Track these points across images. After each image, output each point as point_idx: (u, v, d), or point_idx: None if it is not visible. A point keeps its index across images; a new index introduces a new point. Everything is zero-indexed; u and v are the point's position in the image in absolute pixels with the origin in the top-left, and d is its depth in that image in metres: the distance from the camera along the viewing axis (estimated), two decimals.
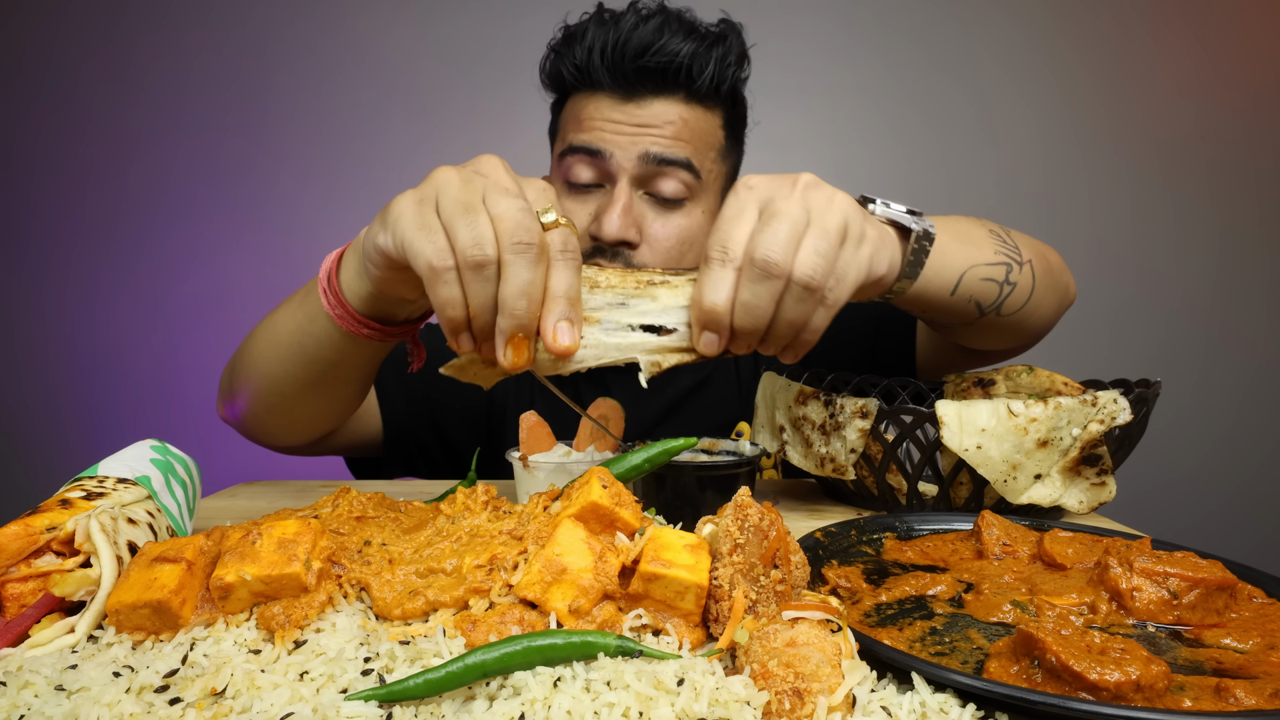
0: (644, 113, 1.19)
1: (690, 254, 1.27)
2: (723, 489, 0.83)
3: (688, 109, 1.21)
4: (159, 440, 0.78)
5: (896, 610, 0.60)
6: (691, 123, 1.22)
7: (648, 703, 0.43)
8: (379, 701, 0.44)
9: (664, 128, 1.19)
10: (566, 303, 0.65)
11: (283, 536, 0.55)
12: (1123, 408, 0.82)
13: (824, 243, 0.67)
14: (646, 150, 1.18)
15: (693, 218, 1.25)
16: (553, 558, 0.54)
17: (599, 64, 1.19)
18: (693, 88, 1.20)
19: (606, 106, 1.21)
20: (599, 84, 1.21)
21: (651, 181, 1.21)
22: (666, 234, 1.23)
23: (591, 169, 1.22)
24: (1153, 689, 0.44)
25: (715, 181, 1.29)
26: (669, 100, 1.20)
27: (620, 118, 1.20)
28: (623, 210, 1.18)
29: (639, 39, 1.16)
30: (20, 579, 0.55)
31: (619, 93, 1.20)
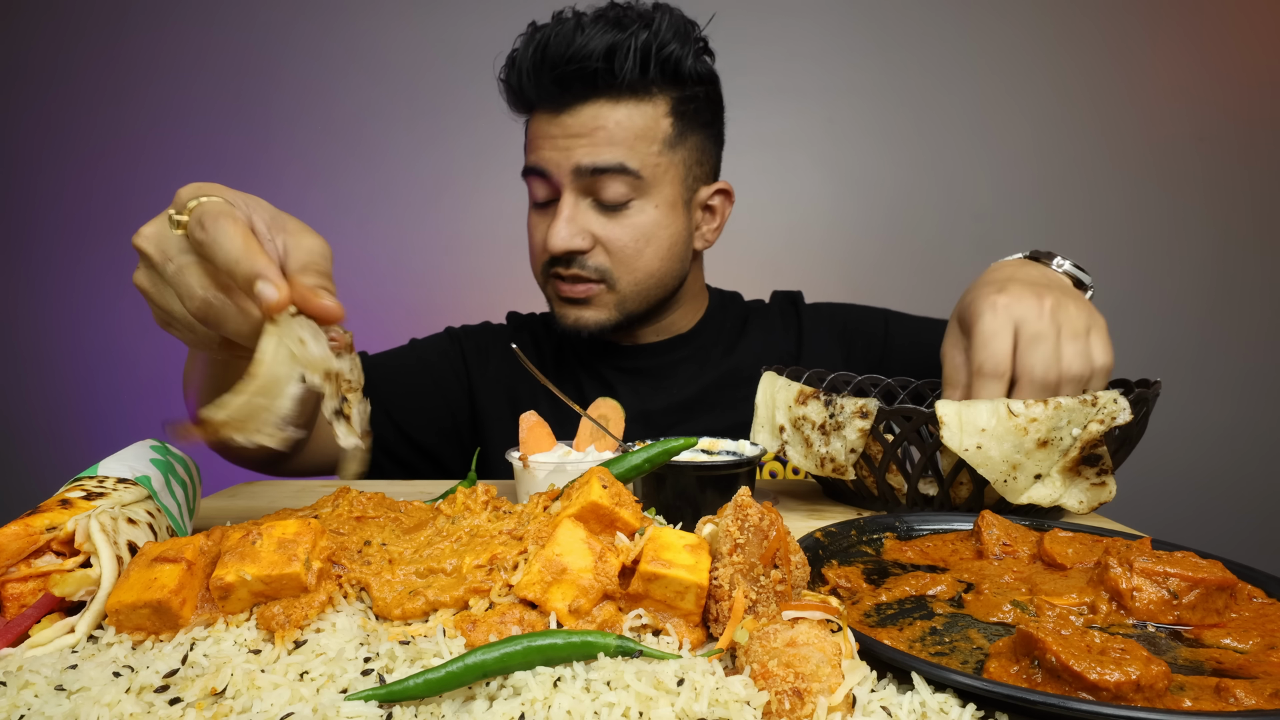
0: (574, 121, 1.22)
1: (649, 249, 1.28)
2: (723, 489, 0.83)
3: (616, 108, 1.22)
4: (159, 440, 0.78)
5: (896, 610, 0.60)
6: (624, 122, 1.22)
7: (648, 703, 0.43)
8: (379, 701, 0.44)
9: (593, 135, 1.21)
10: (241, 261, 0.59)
11: (283, 536, 0.55)
12: (1123, 408, 0.82)
13: (1077, 345, 0.87)
14: (577, 163, 1.21)
15: (645, 214, 1.27)
16: (553, 558, 0.54)
17: (527, 83, 1.24)
18: (615, 83, 1.20)
19: (544, 122, 1.25)
20: (532, 102, 1.26)
21: (594, 188, 1.24)
22: (618, 235, 1.26)
23: (544, 187, 1.27)
24: (1153, 689, 0.44)
25: (666, 173, 1.27)
26: (595, 103, 1.21)
27: (555, 131, 1.23)
28: (565, 221, 1.23)
29: (555, 48, 1.19)
30: (20, 579, 0.55)
31: (549, 107, 1.24)
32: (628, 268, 1.28)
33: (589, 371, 1.45)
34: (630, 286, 1.30)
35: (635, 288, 1.30)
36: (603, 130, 1.21)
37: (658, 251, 1.29)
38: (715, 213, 1.40)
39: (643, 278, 1.30)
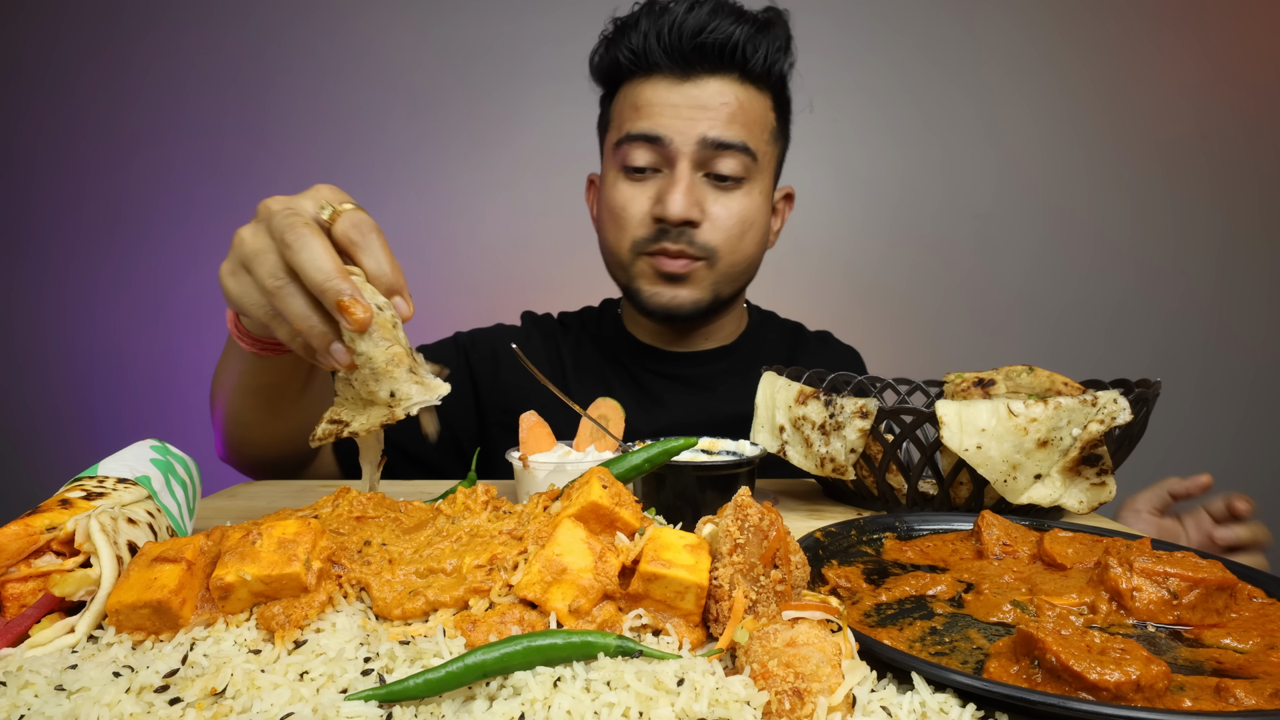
0: (700, 93, 1.22)
1: (750, 234, 1.29)
2: (723, 489, 0.83)
3: (742, 90, 1.24)
4: (159, 440, 0.78)
5: (896, 610, 0.60)
6: (746, 104, 1.24)
7: (648, 703, 0.43)
8: (379, 701, 0.44)
9: (720, 110, 1.22)
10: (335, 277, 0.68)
11: (283, 536, 0.55)
12: (1123, 408, 0.82)
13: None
14: (704, 134, 1.21)
15: (751, 198, 1.28)
16: (553, 558, 0.54)
17: (655, 46, 1.22)
18: (746, 68, 1.23)
19: (663, 89, 1.23)
20: (655, 66, 1.24)
21: (710, 163, 1.23)
22: (728, 214, 1.26)
23: (650, 153, 1.25)
24: (1153, 689, 0.44)
25: (769, 164, 1.32)
26: (724, 80, 1.23)
27: (678, 100, 1.22)
28: (685, 190, 1.22)
29: (694, 21, 1.19)
30: (20, 579, 0.55)
31: (676, 73, 1.22)
32: (730, 248, 1.28)
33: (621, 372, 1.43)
34: (728, 268, 1.30)
35: (731, 269, 1.30)
36: (729, 106, 1.22)
37: (755, 237, 1.31)
38: (779, 215, 1.43)
39: (739, 260, 1.31)
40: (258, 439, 1.14)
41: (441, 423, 1.38)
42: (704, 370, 1.43)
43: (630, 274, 1.32)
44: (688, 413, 1.37)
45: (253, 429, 1.12)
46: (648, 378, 1.42)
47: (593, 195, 1.46)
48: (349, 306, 0.67)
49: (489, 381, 1.44)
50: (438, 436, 0.79)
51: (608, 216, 1.33)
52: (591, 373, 1.44)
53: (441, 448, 1.41)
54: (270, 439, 1.14)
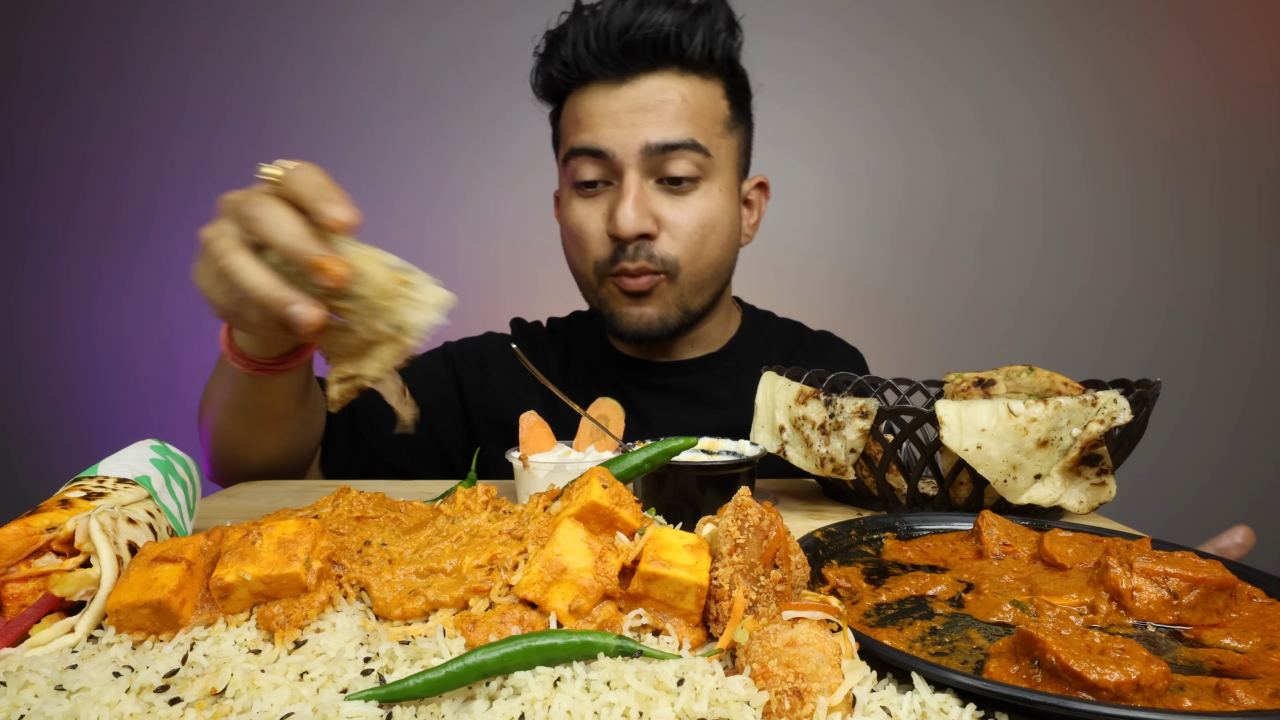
0: (639, 94, 1.15)
1: (713, 237, 1.21)
2: (723, 489, 0.83)
3: (684, 82, 1.16)
4: (159, 440, 0.78)
5: (896, 610, 0.60)
6: (690, 97, 1.16)
7: (648, 703, 0.43)
8: (379, 701, 0.44)
9: (661, 109, 1.14)
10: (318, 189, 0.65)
11: (283, 536, 0.55)
12: (1123, 408, 0.82)
13: None
14: (647, 140, 1.14)
15: (710, 198, 1.20)
16: (553, 558, 0.54)
17: (584, 53, 1.15)
18: (684, 58, 1.15)
19: (600, 97, 1.16)
20: (589, 74, 1.17)
21: (660, 168, 1.16)
22: (685, 219, 1.18)
23: (596, 167, 1.18)
24: (1153, 689, 0.44)
25: (727, 157, 1.24)
26: (663, 76, 1.15)
27: (616, 105, 1.15)
28: (634, 203, 1.14)
29: (619, 19, 1.13)
30: (20, 579, 0.55)
31: (611, 77, 1.16)
32: (691, 255, 1.20)
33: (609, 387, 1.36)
34: (691, 278, 1.22)
35: (695, 279, 1.23)
36: (671, 104, 1.14)
37: (719, 239, 1.23)
38: (753, 207, 1.35)
39: (703, 267, 1.22)
40: (249, 457, 1.11)
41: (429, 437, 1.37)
42: (691, 380, 1.36)
43: (599, 296, 1.26)
44: (674, 428, 1.30)
45: (243, 447, 1.10)
46: (634, 391, 1.35)
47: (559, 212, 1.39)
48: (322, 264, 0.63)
49: (477, 394, 1.39)
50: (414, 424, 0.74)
51: (568, 238, 1.27)
52: (579, 387, 1.38)
53: (428, 460, 1.36)
54: (261, 458, 1.12)
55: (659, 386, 1.36)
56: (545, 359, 1.43)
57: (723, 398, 1.35)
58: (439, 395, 1.39)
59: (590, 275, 1.25)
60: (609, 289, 1.24)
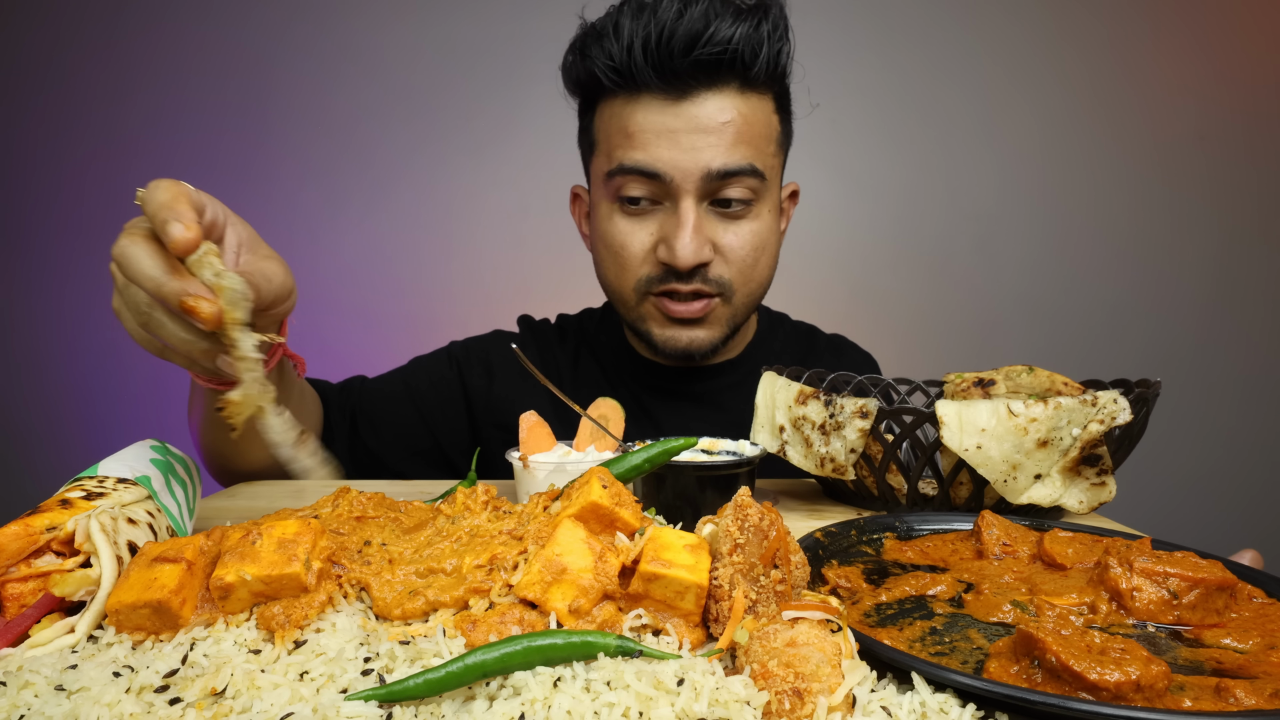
0: (699, 113, 1.07)
1: (764, 258, 1.18)
2: (723, 489, 0.83)
3: (744, 101, 1.10)
4: (159, 440, 0.78)
5: (896, 610, 0.60)
6: (750, 117, 1.10)
7: (648, 703, 0.43)
8: (379, 701, 0.44)
9: (722, 131, 1.08)
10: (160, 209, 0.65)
11: (283, 536, 0.55)
12: (1123, 408, 0.82)
13: None
14: (708, 167, 1.08)
15: (761, 220, 1.17)
16: (553, 558, 0.54)
17: (642, 62, 1.05)
18: (749, 75, 1.08)
19: (655, 112, 1.08)
20: (644, 85, 1.07)
21: (716, 191, 1.11)
22: (740, 244, 1.14)
23: (648, 187, 1.11)
24: (1153, 689, 0.44)
25: (775, 175, 1.20)
26: (724, 94, 1.08)
27: (675, 124, 1.07)
28: (694, 231, 1.09)
29: (687, 28, 1.03)
30: (20, 579, 0.55)
31: (669, 93, 1.07)
32: (745, 278, 1.16)
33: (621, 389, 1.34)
34: (744, 299, 1.19)
35: (747, 299, 1.20)
36: (732, 125, 1.07)
37: (769, 260, 1.20)
38: (784, 215, 1.31)
39: (755, 288, 1.20)
40: (238, 466, 1.12)
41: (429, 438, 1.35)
42: (709, 386, 1.33)
43: (638, 314, 1.21)
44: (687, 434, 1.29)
45: (229, 458, 1.11)
46: (649, 397, 1.33)
47: (578, 210, 1.33)
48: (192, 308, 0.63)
49: (483, 395, 1.36)
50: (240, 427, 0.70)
51: (606, 252, 1.20)
52: (590, 388, 1.35)
53: (430, 462, 1.35)
54: (250, 465, 1.12)
55: (675, 392, 1.33)
56: (554, 357, 1.40)
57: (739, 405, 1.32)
58: (442, 396, 1.37)
59: (629, 293, 1.19)
60: (648, 309, 1.19)
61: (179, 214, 0.64)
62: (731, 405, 1.32)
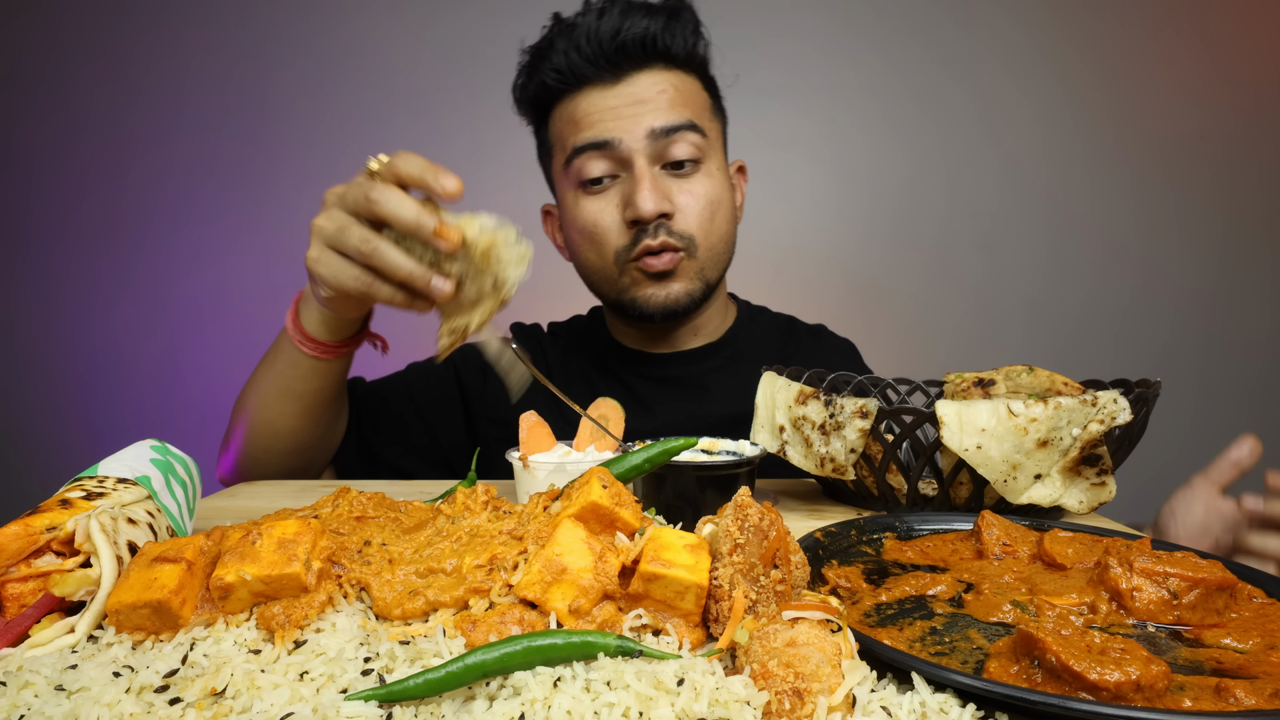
0: (635, 89, 1.22)
1: (720, 213, 1.28)
2: (723, 489, 0.83)
3: (673, 74, 1.25)
4: (159, 440, 0.78)
5: (896, 610, 0.60)
6: (681, 87, 1.25)
7: (648, 703, 0.43)
8: (379, 701, 0.44)
9: (659, 98, 1.22)
10: (425, 168, 0.84)
11: (283, 536, 0.55)
12: (1123, 408, 0.82)
13: None
14: (651, 126, 1.21)
15: (712, 177, 1.27)
16: (553, 558, 0.54)
17: (579, 59, 1.22)
18: (670, 55, 1.24)
19: (598, 96, 1.23)
20: (584, 78, 1.23)
21: (664, 153, 1.23)
22: (695, 199, 1.25)
23: (603, 161, 1.23)
24: (1153, 689, 0.44)
25: (717, 140, 1.31)
26: (653, 71, 1.23)
27: (615, 101, 1.22)
28: (651, 185, 1.21)
29: (608, 24, 1.20)
30: (20, 579, 0.55)
31: (606, 78, 1.22)
32: (705, 231, 1.27)
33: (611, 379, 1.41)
34: (707, 252, 1.29)
35: (711, 252, 1.29)
36: (666, 93, 1.22)
37: (725, 214, 1.30)
38: (737, 189, 1.42)
39: (716, 241, 1.30)
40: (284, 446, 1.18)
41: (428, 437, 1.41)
42: (693, 369, 1.41)
43: (620, 286, 1.30)
44: (679, 416, 1.35)
45: (281, 438, 1.16)
46: (637, 383, 1.40)
47: (550, 226, 1.44)
48: (442, 232, 0.79)
49: (478, 394, 1.43)
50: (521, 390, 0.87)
51: (580, 238, 1.30)
52: (580, 382, 1.42)
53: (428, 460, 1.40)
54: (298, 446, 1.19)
55: (661, 377, 1.40)
56: (546, 358, 1.48)
57: (723, 386, 1.39)
58: (439, 396, 1.43)
59: (611, 267, 1.29)
60: (631, 275, 1.28)
61: (444, 170, 0.82)
62: (716, 387, 1.39)
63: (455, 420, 1.43)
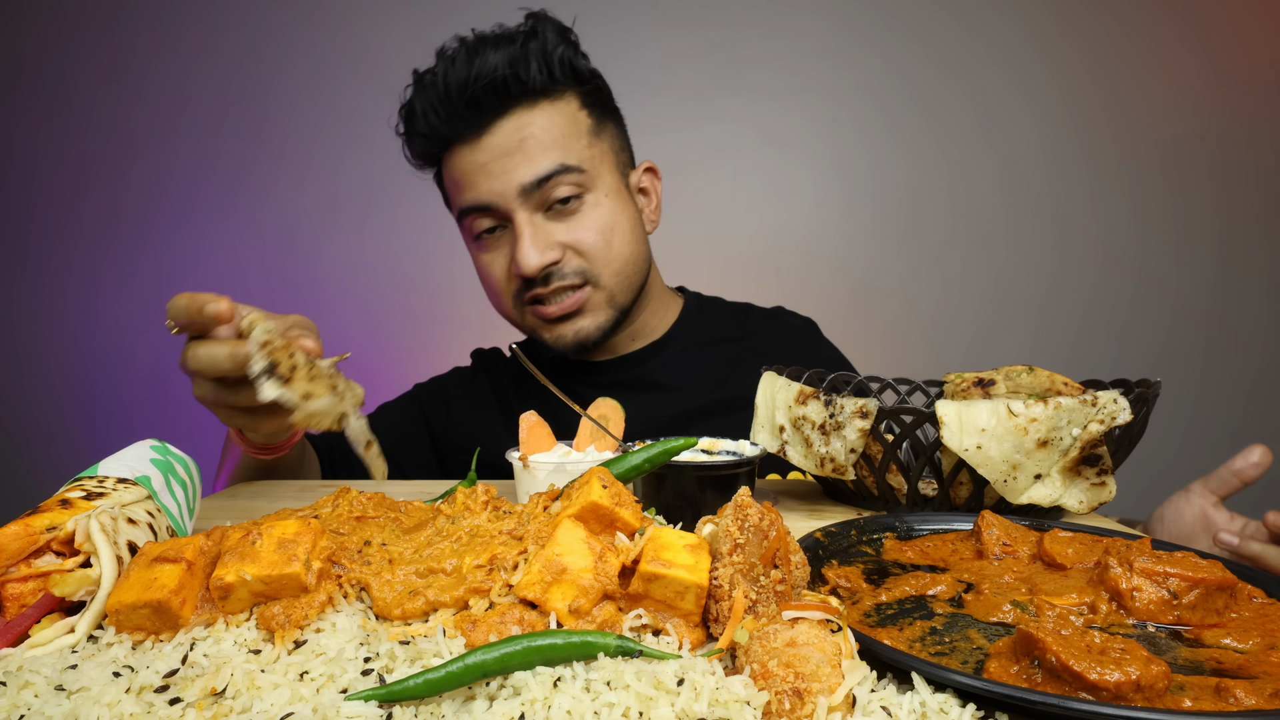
0: (498, 140, 1.20)
1: (616, 237, 1.27)
2: (723, 489, 0.83)
3: (536, 113, 1.22)
4: (159, 440, 0.78)
5: (896, 610, 0.60)
6: (547, 124, 1.22)
7: (648, 703, 0.43)
8: (379, 701, 0.44)
9: (525, 147, 1.20)
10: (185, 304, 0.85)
11: (283, 536, 0.55)
12: (1123, 408, 0.82)
13: None
14: (521, 182, 1.20)
15: (600, 206, 1.26)
16: (553, 558, 0.54)
17: (437, 121, 1.22)
18: (527, 89, 1.20)
19: (466, 154, 1.23)
20: (449, 139, 1.24)
21: (544, 199, 1.22)
22: (584, 234, 1.24)
23: (488, 218, 1.25)
24: (1153, 689, 0.44)
25: (602, 164, 1.29)
26: (514, 115, 1.21)
27: (484, 157, 1.21)
28: (530, 242, 1.21)
29: (455, 78, 1.19)
30: (20, 579, 0.55)
31: (469, 134, 1.22)
32: (604, 260, 1.26)
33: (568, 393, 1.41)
34: (612, 278, 1.28)
35: (617, 277, 1.29)
36: (531, 138, 1.20)
37: (623, 237, 1.29)
38: (650, 193, 1.41)
39: (620, 265, 1.29)
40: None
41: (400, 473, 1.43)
42: (640, 370, 1.41)
43: (527, 328, 1.33)
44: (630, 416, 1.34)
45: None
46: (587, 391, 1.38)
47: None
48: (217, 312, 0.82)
49: (442, 425, 1.47)
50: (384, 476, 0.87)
51: (484, 286, 1.34)
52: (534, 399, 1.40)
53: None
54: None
55: (609, 383, 1.41)
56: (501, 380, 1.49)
57: (674, 381, 1.40)
58: (406, 434, 1.48)
59: (512, 312, 1.32)
60: (531, 319, 1.31)
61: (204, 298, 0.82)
62: (667, 382, 1.40)
63: (424, 454, 1.46)
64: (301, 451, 1.23)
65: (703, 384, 1.39)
